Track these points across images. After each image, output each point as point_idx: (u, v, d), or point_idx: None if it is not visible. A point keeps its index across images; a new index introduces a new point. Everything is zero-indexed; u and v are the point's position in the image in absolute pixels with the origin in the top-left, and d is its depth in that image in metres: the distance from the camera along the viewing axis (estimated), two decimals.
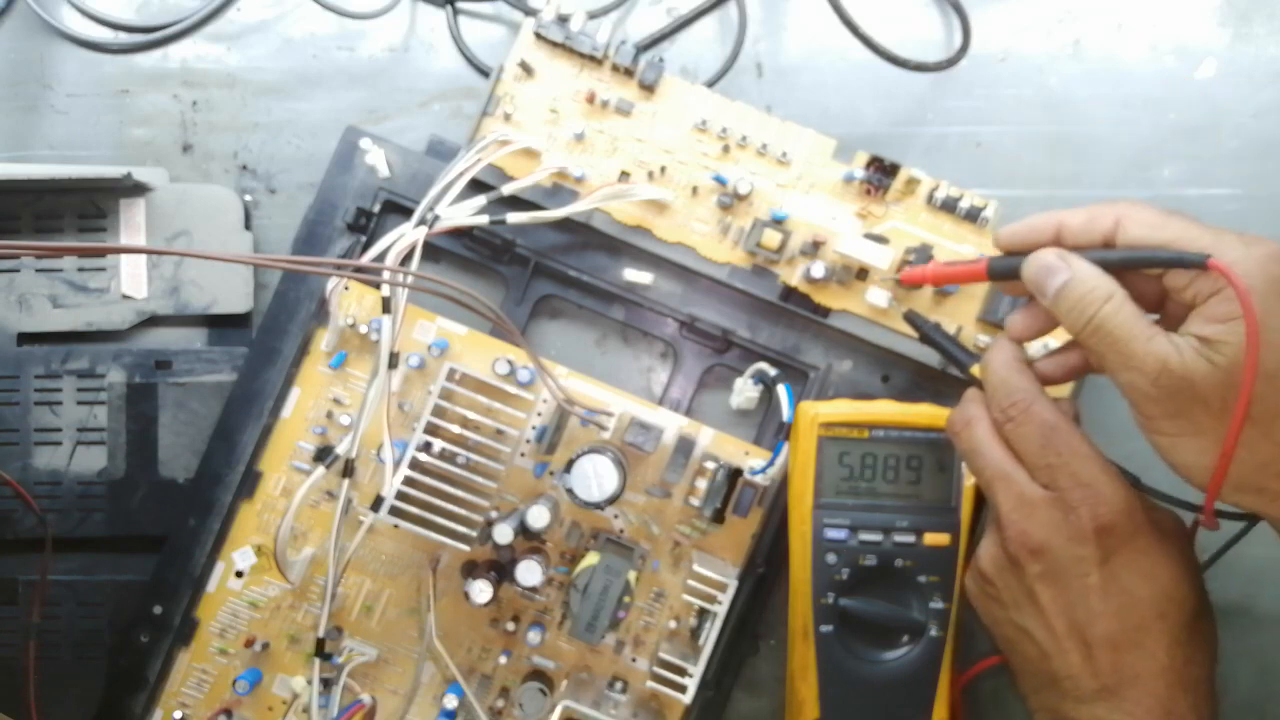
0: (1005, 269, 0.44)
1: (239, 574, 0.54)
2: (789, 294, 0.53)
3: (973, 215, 0.53)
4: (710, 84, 0.56)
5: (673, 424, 0.52)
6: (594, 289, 0.54)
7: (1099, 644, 0.43)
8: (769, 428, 0.55)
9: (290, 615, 0.54)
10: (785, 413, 0.51)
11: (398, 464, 0.49)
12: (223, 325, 0.56)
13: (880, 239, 0.52)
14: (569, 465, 0.50)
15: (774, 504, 0.53)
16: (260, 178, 0.57)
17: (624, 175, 0.54)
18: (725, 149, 0.54)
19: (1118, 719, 0.43)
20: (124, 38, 0.58)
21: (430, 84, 0.57)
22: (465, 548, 0.50)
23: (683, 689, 0.50)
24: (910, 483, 0.51)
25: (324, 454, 0.52)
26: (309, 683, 0.52)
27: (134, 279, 0.55)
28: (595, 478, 0.50)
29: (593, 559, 0.50)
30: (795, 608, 0.52)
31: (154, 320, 0.55)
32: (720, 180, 0.53)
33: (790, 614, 0.52)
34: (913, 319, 0.51)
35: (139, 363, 0.54)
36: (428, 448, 0.50)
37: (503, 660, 0.54)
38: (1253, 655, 0.55)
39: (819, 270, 0.52)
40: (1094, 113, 0.56)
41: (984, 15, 0.56)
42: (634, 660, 0.54)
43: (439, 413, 0.50)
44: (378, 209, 0.54)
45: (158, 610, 0.53)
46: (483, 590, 0.49)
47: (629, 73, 0.53)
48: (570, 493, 0.50)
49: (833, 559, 0.50)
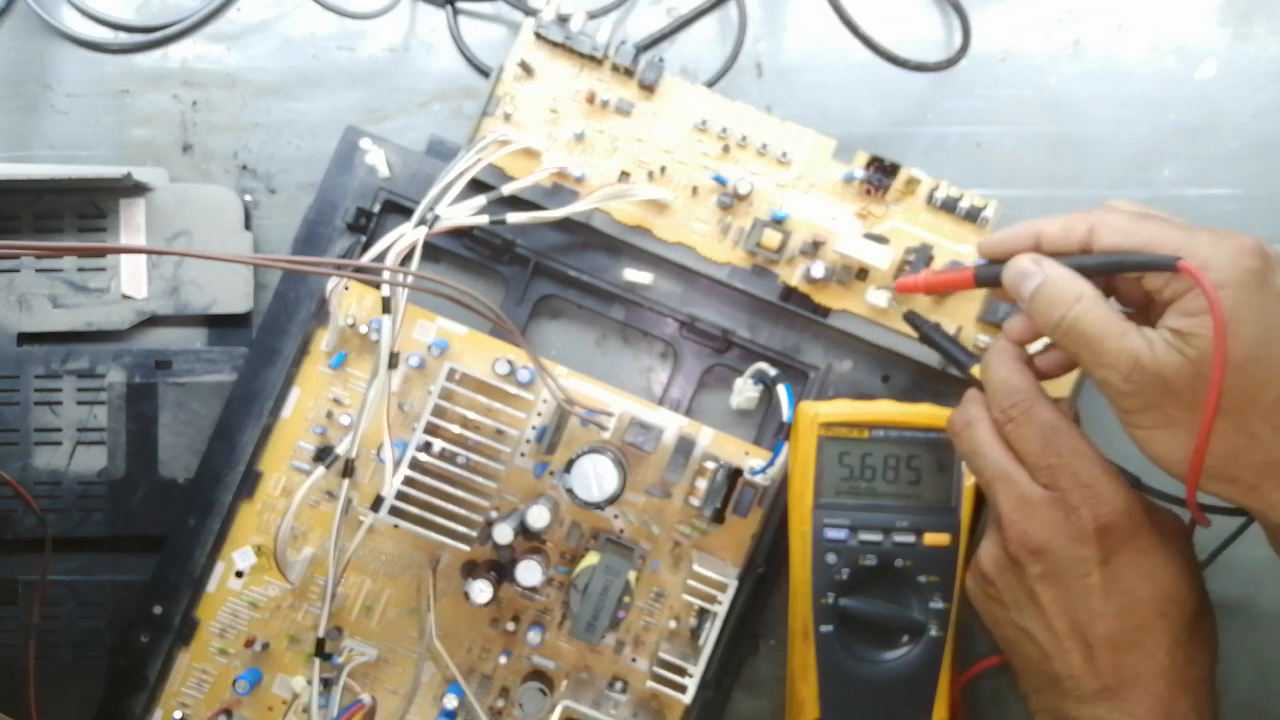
0: (989, 276, 0.45)
1: (239, 574, 0.54)
2: (789, 294, 0.53)
3: (973, 215, 0.53)
4: (710, 84, 0.56)
5: (673, 424, 0.52)
6: (594, 289, 0.54)
7: (1100, 644, 0.43)
8: (769, 428, 0.55)
9: (290, 615, 0.54)
10: (785, 413, 0.51)
11: (398, 464, 0.49)
12: (223, 325, 0.56)
13: (880, 239, 0.52)
14: (569, 465, 0.50)
15: (774, 504, 0.53)
16: (260, 178, 0.57)
17: (624, 175, 0.54)
18: (725, 149, 0.54)
19: (1118, 719, 0.43)
20: (124, 38, 0.58)
21: (430, 84, 0.57)
22: (465, 548, 0.50)
23: (683, 689, 0.50)
24: (910, 483, 0.51)
25: (324, 454, 0.52)
26: (309, 683, 0.52)
27: (134, 279, 0.55)
28: (595, 478, 0.50)
29: (593, 559, 0.50)
30: (795, 608, 0.52)
31: (154, 320, 0.55)
32: (720, 180, 0.53)
33: (790, 614, 0.53)
34: (913, 319, 0.51)
35: (139, 363, 0.54)
36: (428, 448, 0.50)
37: (503, 660, 0.54)
38: (1252, 655, 0.55)
39: (819, 270, 0.52)
40: (1094, 113, 0.56)
41: (984, 15, 0.56)
42: (634, 660, 0.54)
43: (439, 413, 0.50)
44: (378, 209, 0.54)
45: (158, 610, 0.53)
46: (483, 590, 0.49)
47: (629, 73, 0.53)
48: (570, 493, 0.50)
49: (833, 559, 0.50)
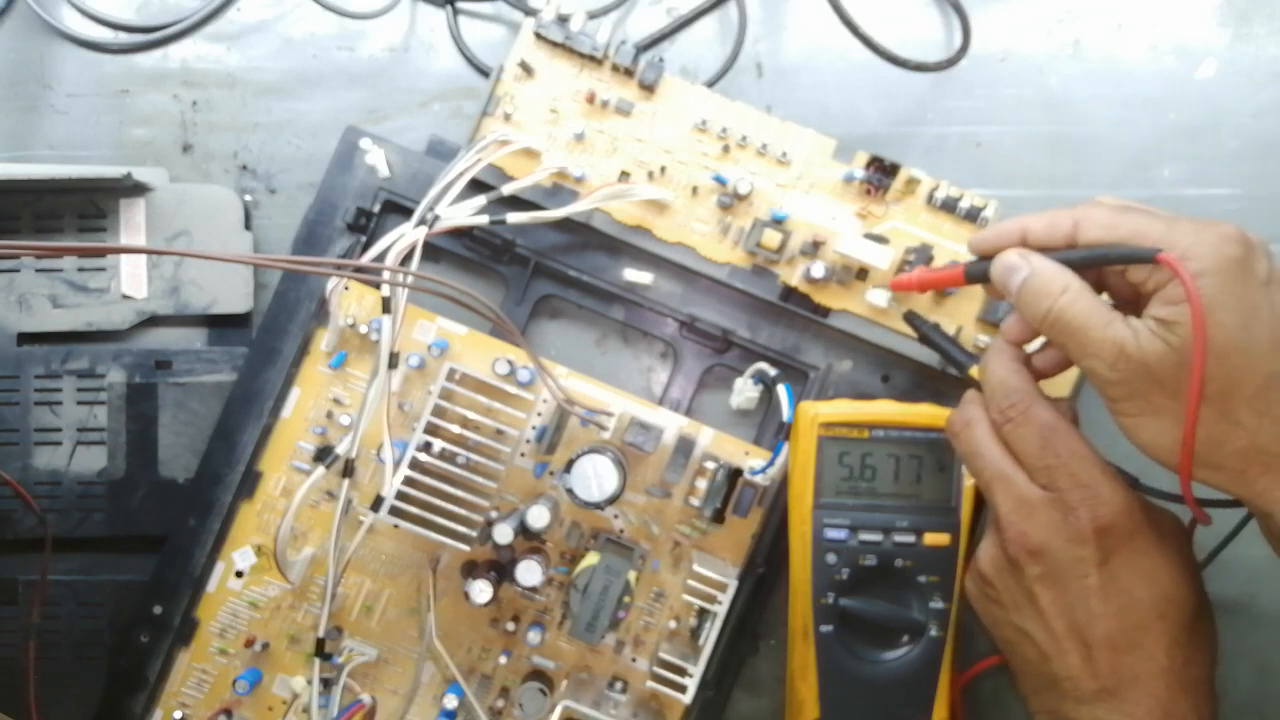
0: (978, 273, 0.46)
1: (239, 574, 0.54)
2: (789, 294, 0.53)
3: (973, 215, 0.53)
4: (710, 84, 0.56)
5: (673, 424, 0.52)
6: (594, 289, 0.54)
7: (1099, 645, 0.43)
8: (769, 428, 0.55)
9: (290, 615, 0.54)
10: (785, 413, 0.51)
11: (398, 464, 0.49)
12: (223, 325, 0.56)
13: (880, 239, 0.52)
14: (569, 465, 0.50)
15: (774, 504, 0.53)
16: (260, 178, 0.57)
17: (624, 175, 0.54)
18: (725, 149, 0.54)
19: None
20: (124, 38, 0.58)
21: (430, 84, 0.57)
22: (465, 548, 0.50)
23: (683, 689, 0.50)
24: (910, 483, 0.51)
25: (324, 454, 0.52)
26: (309, 683, 0.52)
27: (134, 279, 0.55)
28: (595, 478, 0.50)
29: (593, 559, 0.50)
30: (795, 608, 0.52)
31: (154, 320, 0.55)
32: (720, 180, 0.53)
33: (790, 614, 0.53)
34: (912, 319, 0.51)
35: (139, 363, 0.54)
36: (428, 448, 0.50)
37: (503, 660, 0.54)
38: (1252, 655, 0.55)
39: (819, 270, 0.52)
40: (1094, 113, 0.56)
41: (984, 15, 0.56)
42: (634, 660, 0.54)
43: (439, 413, 0.50)
44: (378, 209, 0.54)
45: (158, 610, 0.53)
46: (483, 590, 0.49)
47: (629, 73, 0.53)
48: (570, 493, 0.50)
49: (833, 559, 0.50)
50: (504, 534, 0.49)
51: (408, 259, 0.50)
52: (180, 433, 0.54)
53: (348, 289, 0.53)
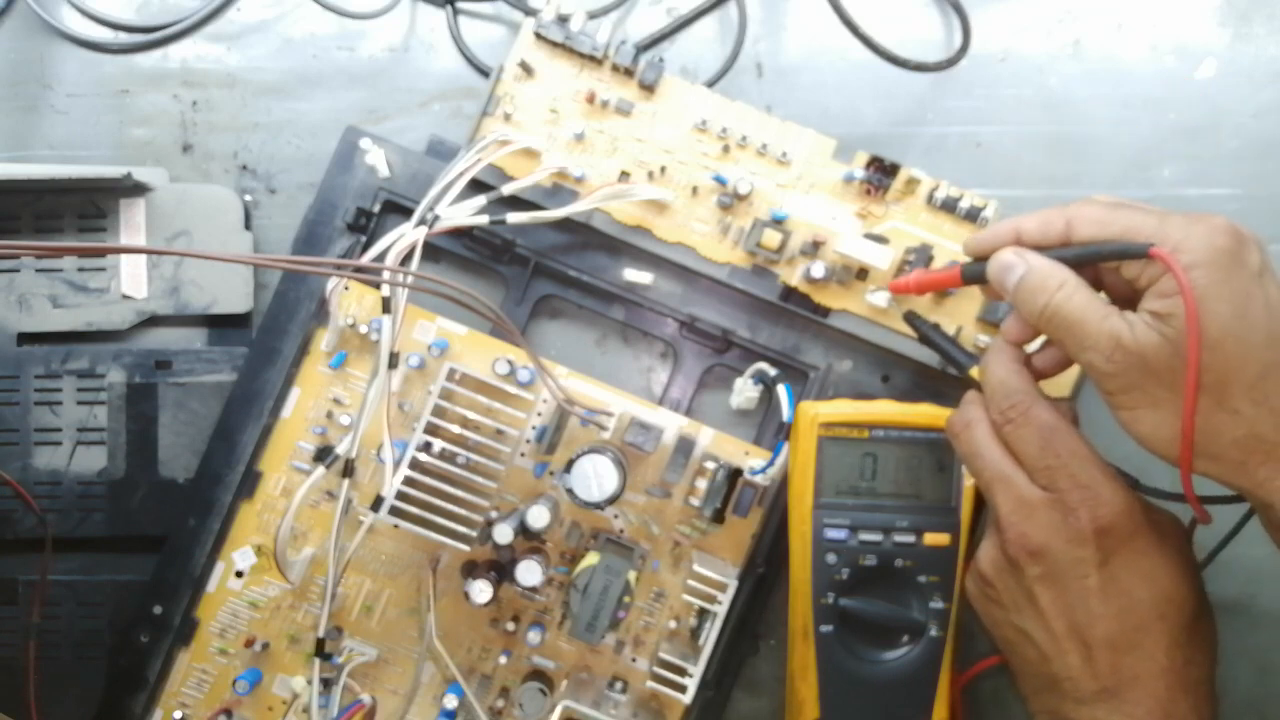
0: (975, 273, 0.46)
1: (239, 574, 0.54)
2: (789, 294, 0.53)
3: (973, 215, 0.53)
4: (710, 84, 0.56)
5: (673, 424, 0.52)
6: (594, 289, 0.54)
7: (1099, 645, 0.43)
8: (769, 428, 0.55)
9: (290, 615, 0.54)
10: (785, 413, 0.51)
11: (398, 464, 0.49)
12: (223, 325, 0.56)
13: (880, 239, 0.52)
14: (569, 465, 0.50)
15: (774, 504, 0.53)
16: (260, 178, 0.57)
17: (624, 175, 0.54)
18: (725, 149, 0.54)
19: None
20: (124, 38, 0.57)
21: (430, 84, 0.57)
22: (465, 548, 0.50)
23: (683, 689, 0.50)
24: (910, 483, 0.51)
25: (324, 454, 0.52)
26: (309, 683, 0.52)
27: (134, 279, 0.55)
28: (595, 478, 0.50)
29: (593, 559, 0.50)
30: (795, 608, 0.52)
31: (154, 320, 0.55)
32: (720, 180, 0.53)
33: (790, 614, 0.53)
34: (912, 319, 0.51)
35: (139, 363, 0.54)
36: (428, 448, 0.50)
37: (503, 660, 0.54)
38: (1252, 655, 0.55)
39: (819, 270, 0.52)
40: (1094, 113, 0.56)
41: (984, 15, 0.56)
42: (634, 660, 0.54)
43: (439, 413, 0.50)
44: (378, 209, 0.54)
45: (158, 610, 0.53)
46: (483, 590, 0.49)
47: (629, 73, 0.53)
48: (570, 493, 0.50)
49: (833, 559, 0.50)
50: (504, 534, 0.49)
51: (408, 259, 0.50)
52: (180, 433, 0.54)
53: (348, 289, 0.53)
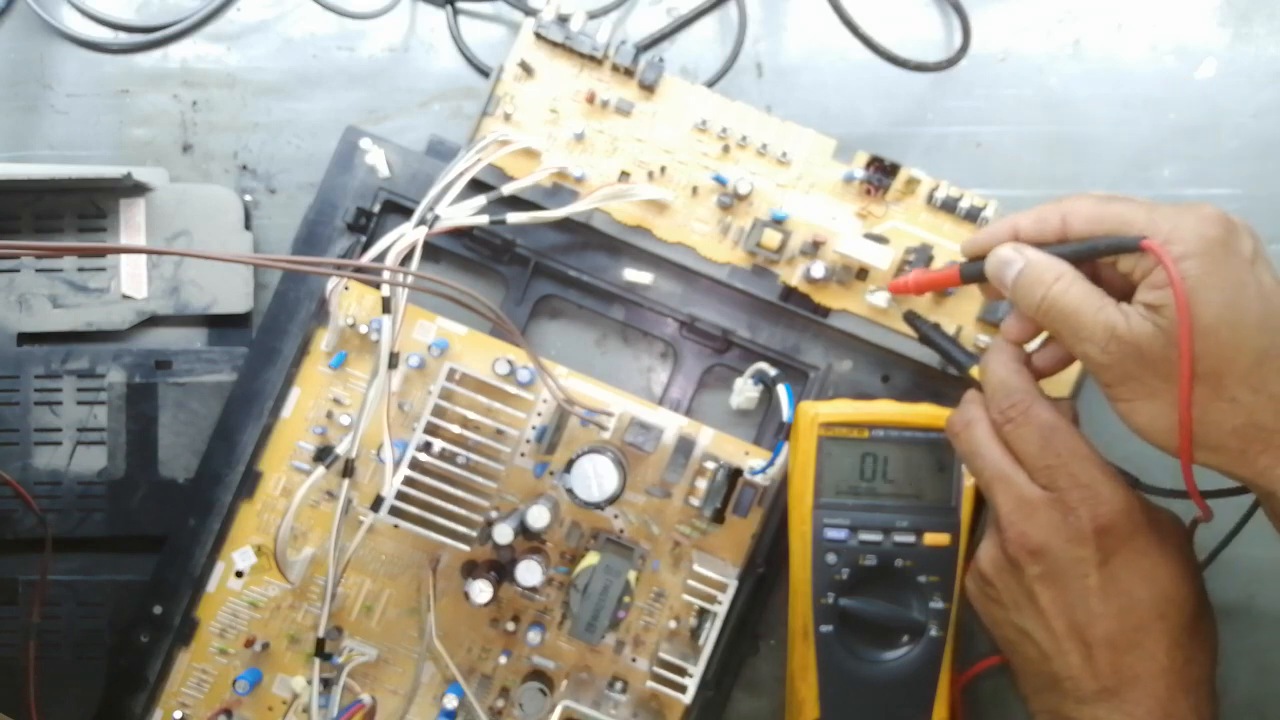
0: (973, 272, 0.46)
1: (239, 574, 0.54)
2: (789, 294, 0.53)
3: (973, 215, 0.53)
4: (710, 84, 0.56)
5: (673, 424, 0.52)
6: (594, 289, 0.54)
7: (1099, 645, 0.43)
8: (769, 428, 0.55)
9: (290, 615, 0.54)
10: (785, 413, 0.51)
11: (398, 464, 0.49)
12: (223, 325, 0.56)
13: (880, 239, 0.52)
14: (569, 465, 0.50)
15: (774, 504, 0.53)
16: (260, 178, 0.57)
17: (624, 175, 0.54)
18: (725, 149, 0.54)
19: None
20: (124, 38, 0.58)
21: (430, 84, 0.57)
22: (465, 548, 0.50)
23: (683, 689, 0.50)
24: (910, 483, 0.51)
25: (324, 454, 0.52)
26: (309, 683, 0.52)
27: (134, 279, 0.55)
28: (595, 478, 0.50)
29: (593, 559, 0.50)
30: (795, 608, 0.52)
31: (154, 320, 0.55)
32: (720, 180, 0.53)
33: (790, 614, 0.53)
34: (912, 319, 0.51)
35: (139, 363, 0.54)
36: (428, 448, 0.50)
37: (503, 660, 0.54)
38: (1252, 655, 0.55)
39: (819, 270, 0.52)
40: (1094, 113, 0.56)
41: (984, 15, 0.56)
42: (634, 660, 0.54)
43: (439, 413, 0.50)
44: (378, 209, 0.54)
45: (158, 610, 0.53)
46: (483, 590, 0.49)
47: (629, 73, 0.53)
48: (570, 493, 0.50)
49: (833, 559, 0.50)
50: (504, 534, 0.49)
51: (408, 259, 0.50)
52: (180, 433, 0.54)
53: (348, 289, 0.53)
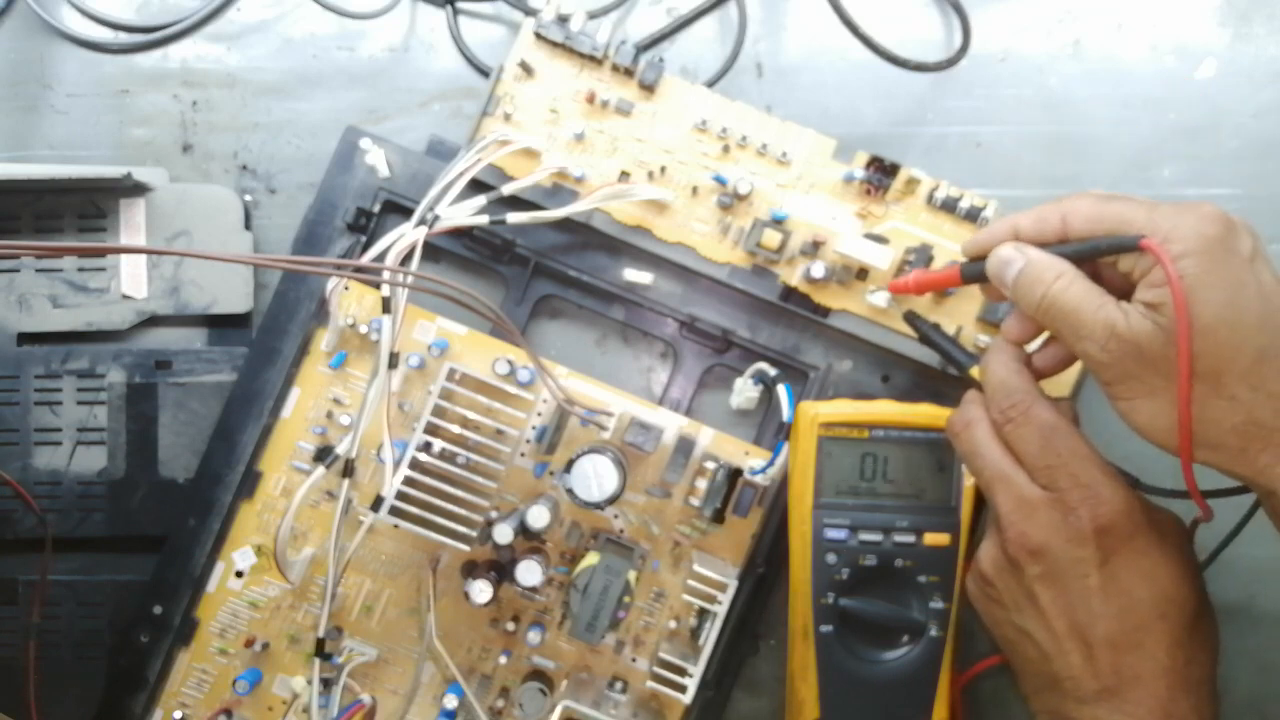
0: (974, 272, 0.46)
1: (239, 574, 0.54)
2: (789, 294, 0.53)
3: (973, 215, 0.53)
4: (710, 84, 0.56)
5: (673, 424, 0.52)
6: (594, 289, 0.54)
7: (1099, 645, 0.43)
8: (769, 428, 0.55)
9: (290, 615, 0.54)
10: (785, 413, 0.51)
11: (398, 464, 0.49)
12: (223, 325, 0.56)
13: (880, 239, 0.52)
14: (569, 465, 0.50)
15: (774, 504, 0.53)
16: (260, 178, 0.57)
17: (624, 175, 0.54)
18: (725, 149, 0.54)
19: None
20: (124, 38, 0.58)
21: (430, 84, 0.57)
22: (465, 548, 0.50)
23: (683, 689, 0.50)
24: (910, 483, 0.51)
25: (324, 454, 0.52)
26: (309, 683, 0.52)
27: (134, 279, 0.55)
28: (595, 478, 0.50)
29: (593, 559, 0.50)
30: (795, 608, 0.52)
31: (154, 320, 0.55)
32: (720, 180, 0.53)
33: (790, 614, 0.53)
34: (912, 319, 0.51)
35: (139, 363, 0.54)
36: (428, 448, 0.50)
37: (503, 660, 0.54)
38: (1253, 655, 0.55)
39: (819, 270, 0.52)
40: (1094, 113, 0.56)
41: (984, 15, 0.56)
42: (634, 660, 0.54)
43: (439, 413, 0.50)
44: (378, 209, 0.54)
45: (158, 610, 0.53)
46: (483, 590, 0.49)
47: (629, 73, 0.53)
48: (570, 493, 0.50)
49: (833, 559, 0.50)
50: (504, 534, 0.49)
51: (408, 259, 0.50)
52: (180, 433, 0.54)
53: (348, 289, 0.53)
